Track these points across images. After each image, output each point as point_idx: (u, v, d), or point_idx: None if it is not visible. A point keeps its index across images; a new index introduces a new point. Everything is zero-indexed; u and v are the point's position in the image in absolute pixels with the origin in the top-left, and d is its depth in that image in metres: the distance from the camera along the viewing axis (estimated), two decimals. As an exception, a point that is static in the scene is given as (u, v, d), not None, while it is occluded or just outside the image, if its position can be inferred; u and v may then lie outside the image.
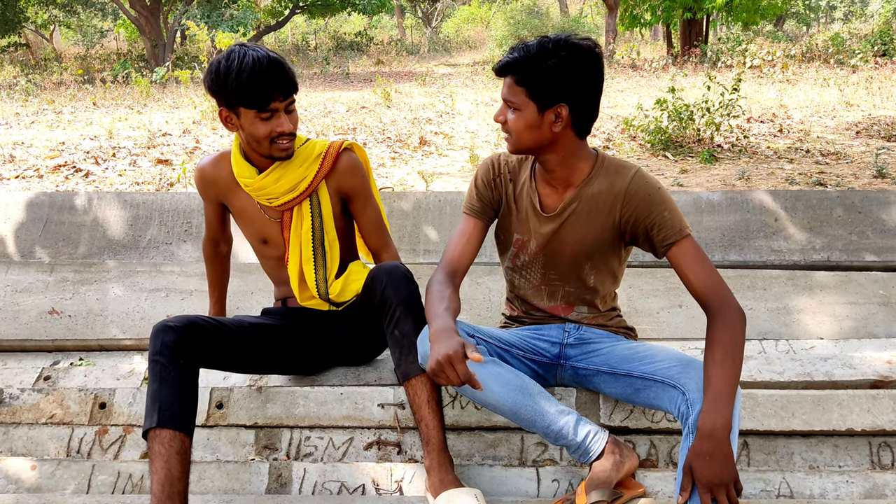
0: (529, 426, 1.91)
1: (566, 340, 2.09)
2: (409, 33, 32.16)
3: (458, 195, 3.25)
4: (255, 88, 1.95)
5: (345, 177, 2.22)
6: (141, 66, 17.26)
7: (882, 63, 13.58)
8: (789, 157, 6.20)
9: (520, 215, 2.08)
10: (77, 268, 2.94)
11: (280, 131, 2.04)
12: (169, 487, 1.74)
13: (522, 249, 2.09)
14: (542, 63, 1.82)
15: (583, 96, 1.87)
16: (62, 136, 7.88)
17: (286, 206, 2.19)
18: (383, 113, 9.53)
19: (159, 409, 1.80)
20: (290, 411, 2.20)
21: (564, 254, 2.03)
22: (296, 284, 2.23)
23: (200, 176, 2.28)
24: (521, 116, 1.89)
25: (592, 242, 2.00)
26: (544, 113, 1.87)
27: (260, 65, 1.95)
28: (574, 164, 1.98)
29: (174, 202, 3.26)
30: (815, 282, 2.74)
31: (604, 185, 1.97)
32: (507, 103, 1.91)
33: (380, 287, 2.04)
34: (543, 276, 2.09)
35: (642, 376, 1.90)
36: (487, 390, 1.86)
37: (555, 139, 1.91)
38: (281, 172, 2.13)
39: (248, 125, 2.03)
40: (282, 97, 2.01)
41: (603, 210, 1.97)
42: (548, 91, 1.85)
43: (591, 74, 1.86)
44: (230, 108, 2.03)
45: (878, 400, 2.10)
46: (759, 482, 2.00)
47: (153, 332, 1.90)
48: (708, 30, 17.72)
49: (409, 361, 1.96)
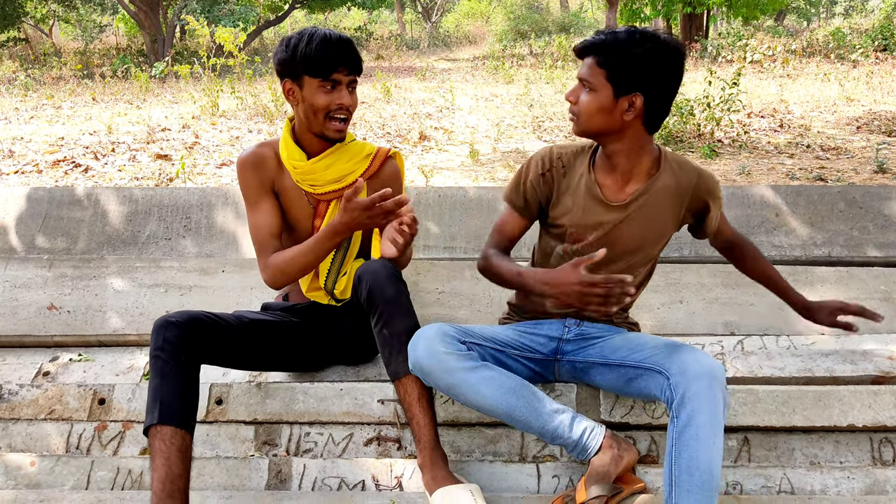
0: (525, 428, 1.90)
1: (565, 336, 2.08)
2: (408, 28, 32.10)
3: (458, 190, 3.24)
4: (322, 56, 2.04)
5: (388, 182, 2.28)
6: (140, 61, 17.23)
7: (883, 58, 13.56)
8: (790, 152, 6.19)
9: (575, 207, 2.06)
10: (76, 263, 2.93)
11: (339, 103, 2.09)
12: (170, 485, 1.73)
13: (578, 241, 2.07)
14: (627, 49, 1.86)
15: (659, 90, 1.91)
16: (61, 132, 7.86)
17: (328, 196, 2.21)
18: (383, 108, 9.51)
19: (160, 406, 1.80)
20: (290, 407, 2.19)
21: (623, 248, 2.04)
22: (308, 275, 2.24)
23: (248, 161, 2.21)
24: (595, 98, 1.91)
25: (654, 237, 2.05)
26: (619, 99, 1.90)
27: (330, 37, 2.06)
28: (638, 158, 2.01)
29: (173, 197, 3.25)
30: (816, 277, 2.74)
31: (671, 181, 2.02)
32: (583, 83, 1.94)
33: (365, 287, 2.03)
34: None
35: (633, 365, 1.91)
36: (480, 395, 1.86)
37: (623, 127, 1.94)
38: (331, 161, 2.18)
39: (309, 95, 2.08)
40: (346, 71, 2.09)
41: (669, 204, 2.03)
42: (628, 77, 1.88)
43: (671, 71, 1.90)
44: (295, 79, 2.09)
45: (879, 396, 2.10)
46: (760, 478, 1.99)
47: (155, 328, 1.89)
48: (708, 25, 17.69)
49: (399, 361, 1.96)
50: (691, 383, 1.71)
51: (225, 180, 5.55)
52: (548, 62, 14.29)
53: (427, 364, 1.87)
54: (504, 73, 13.31)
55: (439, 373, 1.86)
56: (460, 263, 2.88)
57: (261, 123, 8.14)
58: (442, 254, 3.06)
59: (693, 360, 1.75)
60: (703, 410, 1.68)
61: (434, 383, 1.89)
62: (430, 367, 1.87)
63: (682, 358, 1.77)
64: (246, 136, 7.46)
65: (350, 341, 2.31)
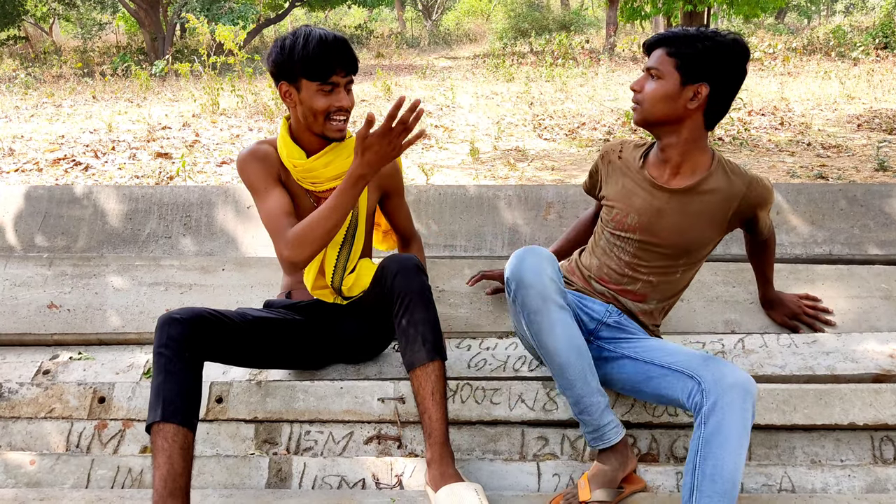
0: (567, 387, 1.91)
1: (606, 320, 2.12)
2: (409, 26, 32.07)
3: (459, 188, 3.23)
4: (320, 60, 2.02)
5: (387, 177, 2.31)
6: (140, 60, 17.22)
7: (883, 56, 13.55)
8: (790, 150, 6.18)
9: (623, 188, 2.15)
10: (76, 261, 2.92)
11: (339, 105, 2.09)
12: (171, 483, 1.73)
13: (620, 224, 2.14)
14: (698, 42, 1.95)
15: (724, 83, 1.98)
16: (61, 130, 7.86)
17: (328, 194, 2.19)
18: (383, 106, 9.50)
19: (163, 404, 1.79)
20: (290, 405, 2.19)
21: (661, 242, 2.09)
22: (313, 271, 2.23)
23: (252, 156, 2.19)
24: (661, 85, 1.99)
25: (695, 237, 2.08)
26: (685, 87, 1.97)
27: (326, 38, 2.03)
28: (691, 154, 2.06)
29: (174, 196, 3.25)
30: (817, 275, 2.73)
31: (721, 184, 2.07)
32: (651, 72, 2.01)
33: (390, 277, 2.03)
34: (633, 258, 2.13)
35: (662, 365, 1.92)
36: (553, 335, 1.87)
37: (684, 117, 2.00)
38: (330, 158, 2.17)
39: (307, 98, 2.07)
40: (343, 73, 2.08)
41: (716, 207, 2.07)
42: (696, 66, 1.95)
43: (737, 67, 1.98)
44: (292, 82, 2.08)
45: (880, 394, 2.10)
46: (761, 476, 1.99)
47: (158, 324, 1.88)
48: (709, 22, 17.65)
49: (416, 350, 1.95)
50: (725, 392, 1.71)
51: (225, 178, 5.55)
52: (548, 60, 14.28)
53: (529, 278, 1.87)
54: (504, 72, 13.30)
55: (535, 292, 1.87)
56: (460, 262, 2.87)
57: (261, 122, 8.14)
58: (442, 252, 3.06)
59: (729, 371, 1.76)
60: (733, 420, 1.69)
61: (523, 299, 1.89)
62: (531, 282, 1.87)
63: (719, 367, 1.78)
64: (246, 134, 7.46)
65: (353, 340, 2.30)
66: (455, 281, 2.76)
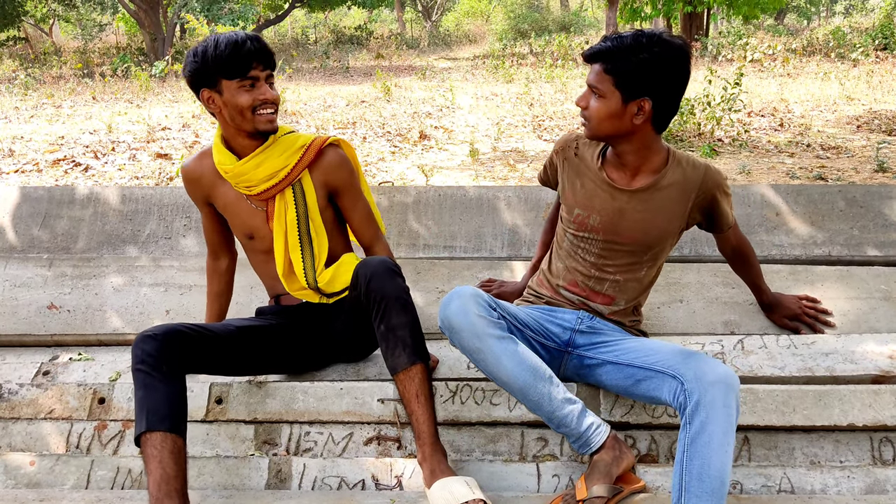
0: (535, 408, 1.91)
1: (579, 327, 2.11)
2: (408, 27, 32.08)
3: (458, 189, 3.23)
4: (234, 56, 2.02)
5: (331, 171, 2.24)
6: (140, 60, 17.23)
7: (883, 57, 13.55)
8: (790, 151, 6.18)
9: (583, 189, 2.13)
10: (76, 262, 2.93)
11: (263, 98, 2.07)
12: (165, 486, 1.73)
13: (582, 226, 2.13)
14: (634, 55, 1.89)
15: (667, 93, 1.95)
16: (61, 131, 7.86)
17: (266, 195, 2.19)
18: (383, 107, 9.51)
19: (147, 414, 1.80)
20: (290, 406, 2.19)
21: (625, 240, 2.09)
22: (283, 273, 2.22)
23: (184, 175, 2.29)
24: (604, 104, 1.96)
25: (658, 232, 2.08)
26: (628, 104, 1.94)
27: (236, 35, 2.04)
28: (647, 156, 2.06)
29: (173, 196, 3.25)
30: (816, 276, 2.73)
31: (679, 176, 2.06)
32: (592, 89, 1.98)
33: (364, 282, 2.03)
34: (599, 258, 2.12)
35: (644, 367, 1.92)
36: (501, 366, 1.88)
37: (633, 130, 1.99)
38: (262, 159, 2.14)
39: (230, 98, 2.06)
40: (261, 67, 2.07)
41: (675, 200, 2.07)
42: (635, 83, 1.91)
43: (678, 74, 1.94)
44: (212, 87, 2.07)
45: (879, 395, 2.10)
46: (760, 477, 1.99)
47: (134, 344, 1.90)
48: (708, 23, 17.68)
49: (397, 355, 1.96)
50: (707, 390, 1.72)
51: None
52: (548, 61, 14.28)
53: (457, 322, 1.88)
54: (504, 73, 13.31)
55: (468, 334, 1.88)
56: (460, 263, 2.88)
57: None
58: (442, 253, 3.06)
59: (709, 368, 1.76)
60: (717, 418, 1.69)
61: (459, 343, 1.91)
62: (460, 325, 1.88)
63: (699, 364, 1.78)
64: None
65: (345, 339, 2.30)
66: (455, 282, 2.77)
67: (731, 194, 2.15)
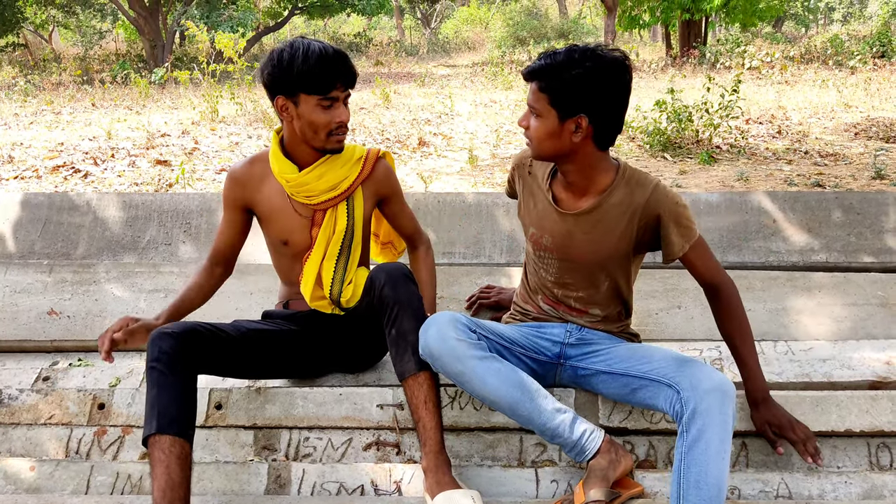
0: (526, 423, 1.92)
1: (568, 340, 2.10)
2: (408, 34, 32.16)
3: (457, 196, 3.25)
4: (321, 74, 1.99)
5: (382, 183, 2.28)
6: (140, 67, 17.26)
7: (881, 64, 13.60)
8: (788, 159, 6.20)
9: (535, 209, 2.11)
10: (76, 268, 2.93)
11: (340, 121, 2.07)
12: (170, 493, 1.74)
13: (538, 245, 2.11)
14: (566, 72, 1.83)
15: (604, 109, 1.87)
16: (61, 137, 7.87)
17: (324, 206, 2.19)
18: (382, 114, 9.53)
19: (158, 416, 1.80)
20: (289, 412, 2.20)
21: (578, 259, 2.05)
22: (310, 284, 2.22)
23: (232, 179, 2.24)
24: (542, 123, 1.91)
25: (608, 252, 2.02)
26: (564, 122, 1.88)
27: (326, 52, 2.00)
28: (593, 176, 1.99)
29: (173, 203, 3.26)
30: (813, 283, 2.74)
31: (624, 197, 1.98)
32: (531, 109, 1.93)
33: (379, 286, 2.04)
34: (558, 277, 2.11)
35: (639, 375, 1.92)
36: (486, 386, 1.87)
37: (574, 149, 1.93)
38: (324, 170, 2.15)
39: (307, 113, 2.04)
40: (342, 87, 2.05)
41: (621, 221, 1.99)
42: (569, 101, 1.85)
43: (614, 88, 1.86)
44: (290, 96, 2.04)
45: (876, 401, 2.11)
46: (758, 483, 2.00)
47: (150, 339, 1.90)
48: (706, 31, 17.73)
49: (406, 360, 1.97)
50: (703, 398, 1.73)
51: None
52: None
53: (437, 349, 1.88)
54: (503, 80, 13.33)
55: (448, 358, 1.88)
56: (459, 269, 2.89)
57: (260, 129, 8.15)
58: (441, 259, 3.07)
59: (705, 376, 1.76)
60: (713, 426, 1.70)
61: (442, 369, 1.91)
62: (439, 351, 1.88)
63: (694, 373, 1.78)
64: (245, 141, 7.47)
65: (351, 349, 2.31)
66: (454, 288, 2.77)
67: (686, 223, 1.96)
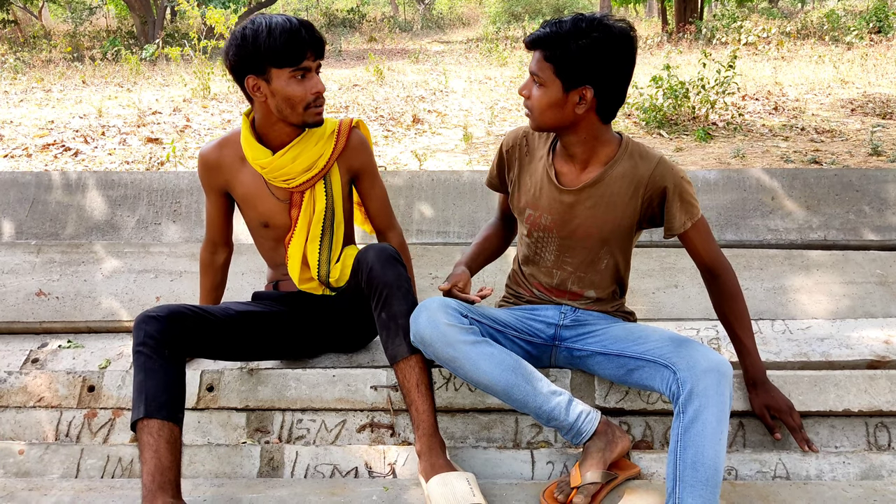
0: (521, 407, 1.89)
1: (562, 322, 2.07)
2: (402, 10, 31.86)
3: (452, 174, 3.21)
4: (289, 44, 1.93)
5: (355, 154, 2.20)
6: (131, 44, 17.06)
7: (877, 40, 13.52)
8: (784, 135, 6.17)
9: (533, 188, 2.06)
10: (64, 249, 2.89)
11: (316, 91, 2.01)
12: (159, 477, 1.71)
13: (535, 226, 2.07)
14: (572, 42, 1.80)
15: (610, 81, 1.85)
16: (51, 115, 7.79)
17: (302, 188, 2.14)
18: (376, 91, 9.45)
19: (146, 400, 1.77)
20: (282, 394, 2.17)
21: (580, 236, 2.02)
22: (296, 266, 2.18)
23: (204, 163, 2.20)
24: (545, 93, 1.87)
25: (612, 227, 1.99)
26: (569, 93, 1.85)
27: (291, 22, 1.95)
28: (595, 147, 1.97)
29: (163, 182, 3.21)
30: (811, 261, 2.72)
31: (627, 169, 1.96)
32: (534, 77, 1.89)
33: (366, 269, 2.00)
34: (558, 257, 2.07)
35: (634, 356, 1.89)
36: (479, 370, 1.84)
37: (577, 120, 1.90)
38: (298, 150, 2.09)
39: (281, 88, 1.98)
40: (313, 56, 1.99)
41: (625, 194, 1.96)
42: (575, 71, 1.82)
43: (620, 60, 1.84)
44: (260, 74, 1.98)
45: (874, 380, 2.09)
46: (755, 463, 1.98)
47: (136, 323, 1.86)
48: (703, 6, 17.60)
49: (397, 344, 1.93)
50: (700, 379, 1.70)
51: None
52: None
53: (428, 335, 1.85)
54: (498, 56, 13.23)
55: (440, 344, 1.85)
56: (453, 248, 2.86)
57: (252, 106, 8.07)
58: (435, 238, 3.04)
59: (702, 356, 1.74)
60: (710, 407, 1.68)
61: (434, 355, 1.88)
62: (431, 338, 1.85)
63: (691, 353, 1.76)
64: (238, 118, 7.40)
65: (342, 329, 2.28)
66: (448, 267, 2.74)
67: (690, 199, 1.95)
